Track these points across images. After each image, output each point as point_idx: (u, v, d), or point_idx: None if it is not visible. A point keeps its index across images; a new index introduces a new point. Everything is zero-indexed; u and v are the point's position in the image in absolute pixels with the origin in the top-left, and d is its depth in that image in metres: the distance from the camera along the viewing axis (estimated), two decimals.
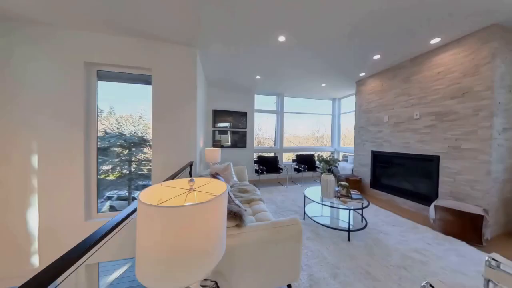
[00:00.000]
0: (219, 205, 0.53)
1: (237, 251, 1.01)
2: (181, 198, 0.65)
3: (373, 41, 2.26)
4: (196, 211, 0.48)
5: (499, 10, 1.71)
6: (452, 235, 1.92)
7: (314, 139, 5.96)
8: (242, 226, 1.08)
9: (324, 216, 2.34)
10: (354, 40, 2.23)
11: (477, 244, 1.78)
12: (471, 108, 2.06)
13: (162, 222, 0.45)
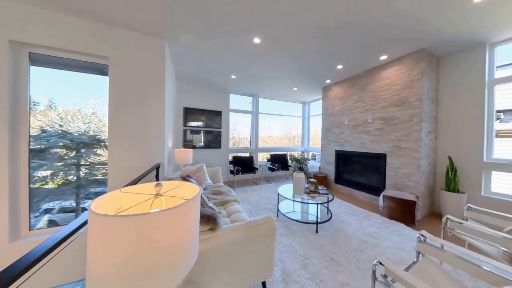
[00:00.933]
0: (190, 209, 0.50)
1: (210, 255, 0.97)
2: (146, 205, 0.58)
3: (337, 53, 2.54)
4: (163, 218, 0.43)
5: (423, 39, 2.17)
6: (395, 219, 2.32)
7: (287, 140, 6.27)
8: (216, 229, 1.04)
9: (295, 212, 2.49)
10: (321, 50, 2.45)
11: (411, 224, 2.22)
12: (408, 115, 2.55)
13: (122, 234, 0.39)
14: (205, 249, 0.95)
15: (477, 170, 2.31)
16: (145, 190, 0.61)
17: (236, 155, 4.58)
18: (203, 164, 2.61)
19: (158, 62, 2.16)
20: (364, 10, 1.69)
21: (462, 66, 2.44)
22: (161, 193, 0.60)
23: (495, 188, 2.23)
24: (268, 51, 2.52)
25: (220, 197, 2.01)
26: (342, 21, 1.84)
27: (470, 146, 2.37)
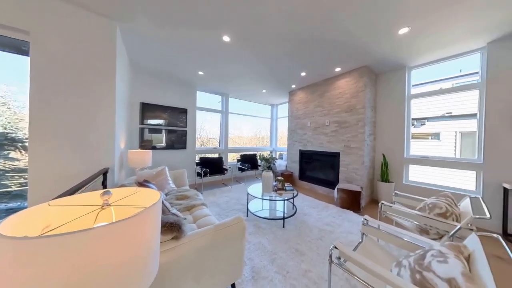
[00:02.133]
0: (148, 219, 0.43)
1: (174, 266, 0.88)
2: (88, 219, 0.47)
3: (301, 61, 2.78)
4: (112, 232, 0.36)
5: (365, 58, 2.64)
6: (346, 208, 2.72)
7: (257, 140, 6.41)
8: (180, 237, 0.95)
9: (264, 210, 2.57)
10: (288, 57, 2.63)
11: (358, 211, 2.65)
12: (355, 120, 3.04)
13: (51, 260, 0.30)
14: (168, 261, 0.85)
15: (400, 164, 2.97)
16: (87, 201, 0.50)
17: (204, 156, 4.34)
18: (165, 167, 2.36)
19: (107, 47, 1.81)
20: (321, 27, 1.91)
21: (391, 82, 3.10)
22: (110, 202, 0.50)
23: (411, 177, 2.93)
24: (238, 52, 2.51)
25: (185, 202, 1.86)
26: (304, 33, 2.03)
27: (396, 146, 3.03)
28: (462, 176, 2.47)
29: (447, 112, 2.83)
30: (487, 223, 2.13)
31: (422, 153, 2.84)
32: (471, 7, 1.63)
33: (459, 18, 1.77)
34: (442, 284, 0.68)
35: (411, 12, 1.70)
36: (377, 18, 1.79)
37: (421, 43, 2.23)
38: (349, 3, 1.60)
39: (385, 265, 1.06)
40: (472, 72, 2.45)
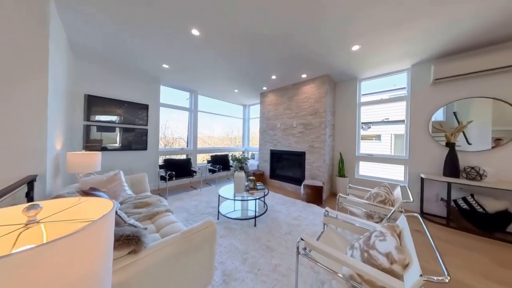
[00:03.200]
0: (96, 234, 0.36)
1: (134, 283, 0.76)
2: (3, 243, 0.36)
3: (271, 64, 2.89)
4: (42, 258, 0.28)
5: (326, 67, 2.97)
6: (311, 202, 2.99)
7: (229, 140, 6.30)
8: (140, 250, 0.84)
9: (236, 211, 2.54)
10: (259, 59, 2.69)
11: (320, 204, 2.95)
12: (318, 122, 3.37)
13: None
14: (125, 279, 0.74)
15: (353, 161, 3.48)
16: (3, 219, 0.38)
17: (169, 157, 3.97)
18: (119, 171, 2.03)
19: (35, 24, 1.42)
20: (288, 35, 2.05)
21: (346, 91, 3.59)
22: (39, 219, 0.40)
23: (361, 172, 3.47)
24: (209, 48, 2.41)
25: (146, 209, 1.65)
26: (274, 39, 2.12)
27: (350, 145, 3.53)
28: (395, 169, 3.10)
29: (385, 118, 3.49)
30: (410, 205, 2.73)
31: (369, 152, 3.41)
32: (402, 38, 2.07)
33: (394, 45, 2.21)
34: (383, 258, 0.83)
35: (360, 34, 2.01)
36: (334, 36, 2.04)
37: (368, 60, 2.67)
38: (306, 24, 1.77)
39: (342, 249, 1.22)
40: (402, 87, 3.10)
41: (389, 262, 0.81)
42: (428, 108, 2.67)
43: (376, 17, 1.75)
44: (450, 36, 2.03)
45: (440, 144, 2.56)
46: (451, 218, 2.29)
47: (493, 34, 1.98)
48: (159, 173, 3.46)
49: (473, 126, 2.32)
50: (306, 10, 1.69)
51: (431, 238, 0.82)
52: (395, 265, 0.79)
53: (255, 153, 5.63)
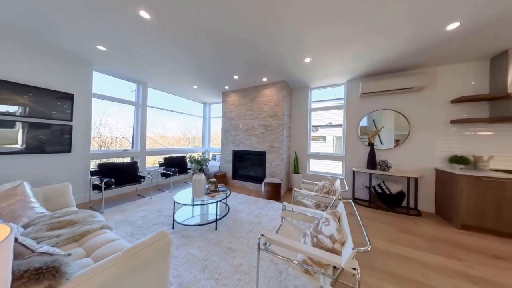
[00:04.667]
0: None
1: None
2: None
3: (233, 65, 2.88)
4: None
5: (283, 74, 3.26)
6: (271, 199, 3.18)
7: (186, 140, 5.79)
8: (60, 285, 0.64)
9: (195, 216, 2.37)
10: (221, 58, 2.62)
11: (279, 200, 3.18)
12: (277, 124, 3.63)
13: None
14: None
15: (305, 159, 3.96)
16: None
17: (107, 161, 3.24)
18: (23, 182, 1.49)
19: None
20: (251, 40, 2.11)
21: (300, 97, 4.05)
22: None
23: (312, 168, 3.99)
24: (165, 38, 2.14)
25: (69, 230, 1.28)
26: (239, 41, 2.13)
27: (303, 145, 3.99)
28: (336, 165, 3.75)
29: (329, 122, 4.16)
30: (346, 193, 3.37)
31: (317, 151, 3.97)
32: (340, 58, 2.53)
33: (336, 62, 2.67)
34: (327, 240, 0.99)
35: (311, 49, 2.32)
36: (290, 48, 2.26)
37: (317, 72, 3.11)
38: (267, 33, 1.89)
39: (297, 238, 1.36)
40: (340, 97, 3.80)
41: (332, 242, 0.96)
42: (358, 116, 3.40)
43: (322, 36, 2.06)
44: (371, 61, 2.66)
45: (364, 144, 3.30)
46: (371, 200, 3.01)
47: (397, 64, 2.74)
48: (91, 181, 2.72)
49: (384, 130, 3.13)
50: (265, 18, 1.78)
51: (360, 218, 1.05)
52: (337, 244, 0.95)
53: (216, 154, 5.43)
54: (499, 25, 1.80)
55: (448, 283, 1.38)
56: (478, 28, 1.86)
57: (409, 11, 1.64)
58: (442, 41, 2.08)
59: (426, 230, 2.22)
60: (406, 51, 2.35)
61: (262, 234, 1.11)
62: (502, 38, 2.01)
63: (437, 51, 2.31)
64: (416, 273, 1.47)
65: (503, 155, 2.40)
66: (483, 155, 2.42)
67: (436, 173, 2.75)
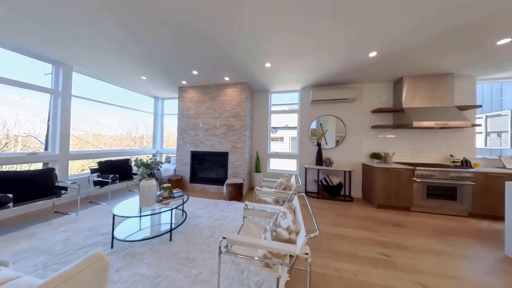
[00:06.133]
0: None
1: None
2: None
3: (192, 59, 2.68)
4: None
5: (246, 76, 3.32)
6: (233, 199, 3.15)
7: (131, 140, 4.90)
8: None
9: (143, 229, 2.03)
10: (178, 51, 2.38)
11: (241, 200, 3.21)
12: (240, 124, 3.65)
13: None
14: None
15: (265, 158, 4.17)
16: None
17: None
18: None
19: None
20: (213, 38, 2.03)
21: (261, 99, 4.23)
22: None
23: (272, 167, 4.25)
24: (103, 14, 1.71)
25: None
26: (200, 35, 1.98)
27: (263, 145, 4.19)
28: (292, 163, 4.15)
29: (286, 124, 4.56)
30: (300, 188, 3.79)
31: (276, 150, 4.27)
32: (295, 67, 2.82)
33: (292, 70, 2.96)
34: (285, 232, 1.08)
35: (270, 55, 2.47)
36: (251, 51, 2.33)
37: (276, 77, 3.34)
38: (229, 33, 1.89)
39: (258, 235, 1.41)
40: (295, 102, 4.24)
41: (288, 233, 1.06)
42: (309, 119, 3.89)
43: (279, 45, 2.23)
44: (320, 73, 3.11)
45: (314, 144, 3.82)
46: (319, 192, 3.51)
47: (338, 78, 3.32)
48: None
49: (328, 133, 3.73)
50: (227, 16, 1.76)
51: (310, 208, 1.20)
52: (292, 234, 1.05)
53: (171, 155, 4.88)
54: (398, 59, 2.52)
55: (370, 250, 1.80)
56: (387, 59, 2.53)
57: (347, 39, 2.04)
58: (366, 64, 2.70)
59: (356, 212, 2.81)
60: (344, 69, 2.89)
61: (224, 236, 1.08)
62: (400, 68, 2.82)
63: (363, 71, 2.97)
64: (350, 247, 1.83)
65: (401, 151, 3.37)
66: (389, 152, 3.30)
67: (363, 167, 3.52)
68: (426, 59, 2.50)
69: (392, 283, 1.38)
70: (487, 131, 3.68)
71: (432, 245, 1.92)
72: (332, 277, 1.42)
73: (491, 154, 3.20)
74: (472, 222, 2.49)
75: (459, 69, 2.81)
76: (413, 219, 2.56)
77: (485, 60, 2.50)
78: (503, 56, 2.37)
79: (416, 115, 2.90)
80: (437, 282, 1.39)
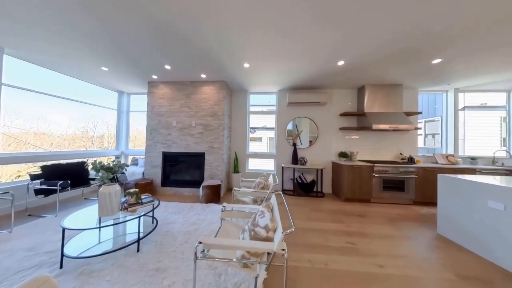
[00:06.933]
0: None
1: None
2: None
3: (165, 53, 2.48)
4: None
5: (224, 75, 3.25)
6: (210, 202, 3.04)
7: (88, 140, 4.24)
8: None
9: (104, 242, 1.77)
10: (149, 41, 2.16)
11: (218, 202, 3.11)
12: (217, 124, 3.55)
13: None
14: None
15: (244, 158, 4.16)
16: None
17: None
18: None
19: None
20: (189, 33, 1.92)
21: (240, 99, 4.20)
22: None
23: (250, 167, 4.26)
24: None
25: None
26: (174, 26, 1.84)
27: (242, 145, 4.17)
28: (270, 162, 4.25)
29: (264, 125, 4.65)
30: (277, 186, 3.92)
31: (255, 150, 4.31)
32: (273, 72, 2.91)
33: (270, 72, 3.03)
34: (263, 230, 1.09)
35: (248, 56, 2.47)
36: (228, 52, 2.30)
37: (254, 78, 3.37)
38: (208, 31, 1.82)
39: (236, 236, 1.39)
40: (273, 104, 4.36)
41: (266, 232, 1.08)
42: (286, 121, 4.05)
43: (257, 45, 2.26)
44: (296, 77, 3.28)
45: (290, 144, 4.00)
46: (294, 189, 3.70)
47: (312, 83, 3.55)
48: None
49: (303, 133, 3.96)
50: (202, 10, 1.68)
51: (287, 205, 1.25)
52: (270, 232, 1.08)
53: (139, 157, 4.41)
54: (361, 70, 2.85)
55: (338, 240, 1.98)
56: (352, 69, 2.83)
57: (321, 46, 2.20)
58: (336, 72, 2.97)
59: (327, 206, 3.06)
60: (317, 75, 3.12)
61: (200, 241, 1.03)
62: (362, 77, 3.20)
63: (333, 78, 3.26)
64: (321, 239, 1.98)
65: (363, 150, 3.82)
66: (354, 151, 3.71)
67: (332, 165, 3.86)
68: (382, 71, 2.91)
69: (357, 267, 1.55)
70: (425, 133, 4.51)
71: (386, 230, 2.23)
72: (306, 269, 1.51)
73: (428, 152, 3.93)
74: (415, 209, 3.00)
75: (406, 81, 3.37)
76: (373, 209, 2.93)
77: (423, 75, 3.06)
78: (437, 73, 2.94)
79: (375, 119, 3.33)
80: (390, 262, 1.62)
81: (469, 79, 3.18)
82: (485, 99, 3.86)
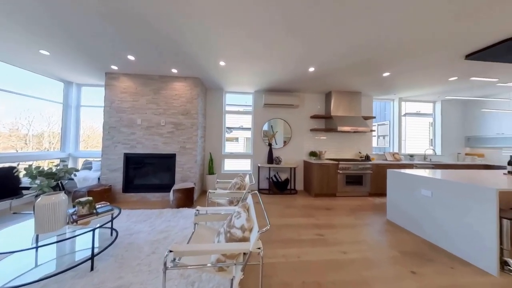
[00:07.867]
0: None
1: None
2: None
3: (129, 42, 2.18)
4: None
5: (198, 71, 3.09)
6: (181, 206, 2.83)
7: (20, 139, 3.40)
8: None
9: (43, 264, 1.44)
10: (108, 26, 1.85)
11: (191, 206, 2.93)
12: (190, 123, 3.34)
13: None
14: None
15: (220, 159, 4.05)
16: None
17: None
18: None
19: None
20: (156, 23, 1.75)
21: (215, 98, 4.07)
22: None
23: (226, 167, 4.16)
24: None
25: None
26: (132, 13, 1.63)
27: (218, 146, 4.05)
28: (246, 162, 4.25)
29: (241, 125, 4.63)
30: (253, 186, 3.94)
31: (231, 151, 4.24)
32: (249, 73, 2.93)
33: (245, 72, 3.02)
34: (239, 231, 1.08)
35: (223, 54, 2.42)
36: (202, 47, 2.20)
37: (230, 77, 3.31)
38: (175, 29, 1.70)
39: (211, 240, 1.34)
40: (249, 104, 4.38)
41: (242, 232, 1.07)
42: (262, 121, 4.13)
43: (232, 43, 2.23)
44: (271, 80, 3.37)
45: (266, 144, 4.10)
46: (270, 188, 3.80)
47: (286, 86, 3.71)
48: None
49: (278, 134, 4.12)
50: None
51: (263, 204, 1.27)
52: (246, 232, 1.07)
53: (93, 160, 3.77)
54: (328, 76, 3.15)
55: (309, 233, 2.13)
56: (320, 76, 3.10)
57: (294, 51, 2.32)
58: (307, 77, 3.20)
59: (299, 202, 3.26)
60: (290, 78, 3.29)
61: (170, 249, 0.95)
62: (329, 84, 3.54)
63: (305, 83, 3.50)
64: (294, 234, 2.10)
65: (330, 150, 4.22)
66: (322, 150, 4.06)
67: (304, 163, 4.14)
68: (345, 79, 3.28)
69: (326, 256, 1.69)
70: (378, 135, 5.31)
71: (349, 220, 2.52)
72: (280, 264, 1.57)
73: (380, 151, 4.65)
74: (370, 200, 3.49)
75: (364, 90, 3.89)
76: (338, 203, 3.27)
77: (377, 86, 3.60)
78: (387, 84, 3.50)
79: (340, 122, 3.73)
80: (351, 247, 1.84)
81: (408, 91, 3.91)
82: (419, 108, 4.80)
